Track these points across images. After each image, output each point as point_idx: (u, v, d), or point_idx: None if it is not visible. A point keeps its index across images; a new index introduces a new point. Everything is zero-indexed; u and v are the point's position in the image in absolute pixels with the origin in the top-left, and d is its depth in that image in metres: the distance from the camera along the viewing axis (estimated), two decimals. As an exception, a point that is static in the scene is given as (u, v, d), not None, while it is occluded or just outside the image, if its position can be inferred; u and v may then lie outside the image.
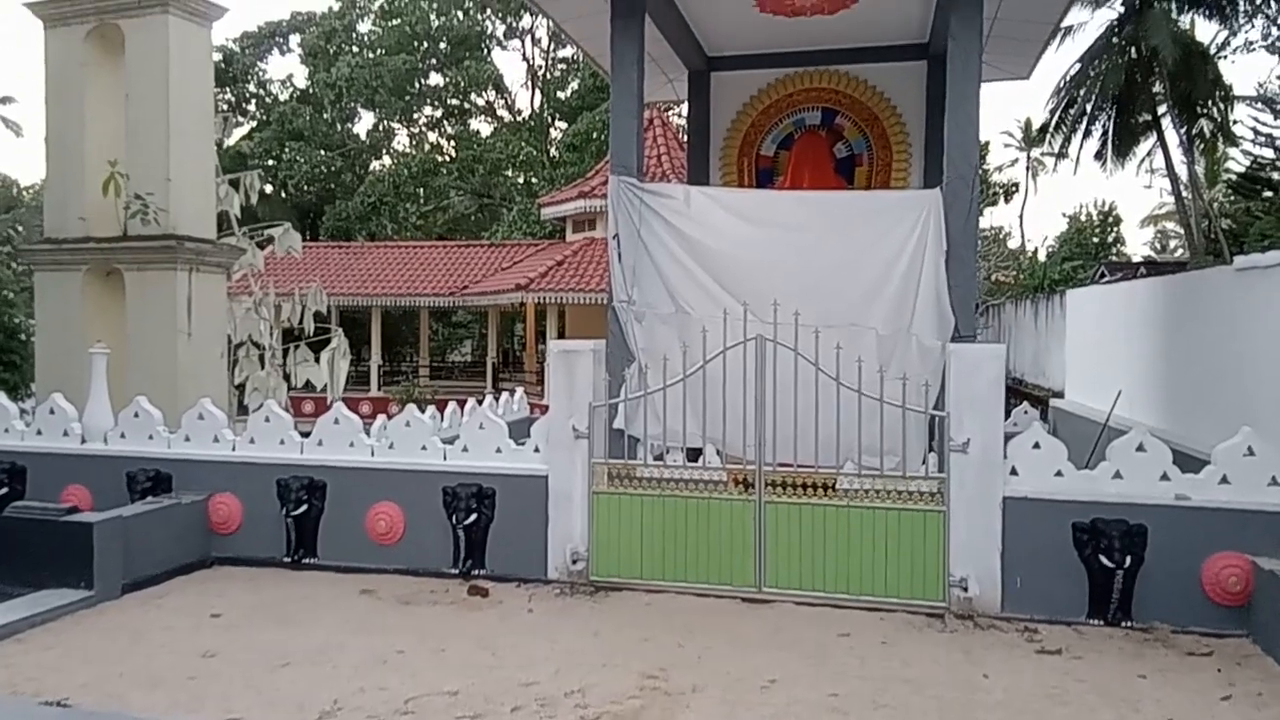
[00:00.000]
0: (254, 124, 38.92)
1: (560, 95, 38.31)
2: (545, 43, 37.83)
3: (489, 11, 37.46)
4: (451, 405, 9.62)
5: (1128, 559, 5.43)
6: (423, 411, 8.33)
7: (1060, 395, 12.78)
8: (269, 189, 34.31)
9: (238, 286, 11.76)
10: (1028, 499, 5.68)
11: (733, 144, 9.96)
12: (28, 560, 6.02)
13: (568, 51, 36.51)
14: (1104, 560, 5.47)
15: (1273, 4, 22.91)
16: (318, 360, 10.90)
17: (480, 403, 10.40)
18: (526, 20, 37.08)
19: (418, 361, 29.97)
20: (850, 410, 5.97)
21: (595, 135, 32.01)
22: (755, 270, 7.02)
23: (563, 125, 37.59)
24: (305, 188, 35.99)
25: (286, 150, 35.56)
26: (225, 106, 37.06)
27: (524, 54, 39.09)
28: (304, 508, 6.73)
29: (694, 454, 6.70)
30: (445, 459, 6.70)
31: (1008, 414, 9.87)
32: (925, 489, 5.87)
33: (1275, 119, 24.78)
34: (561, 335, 23.90)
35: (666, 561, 6.19)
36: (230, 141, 31.55)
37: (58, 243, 9.26)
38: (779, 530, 6.02)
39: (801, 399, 6.00)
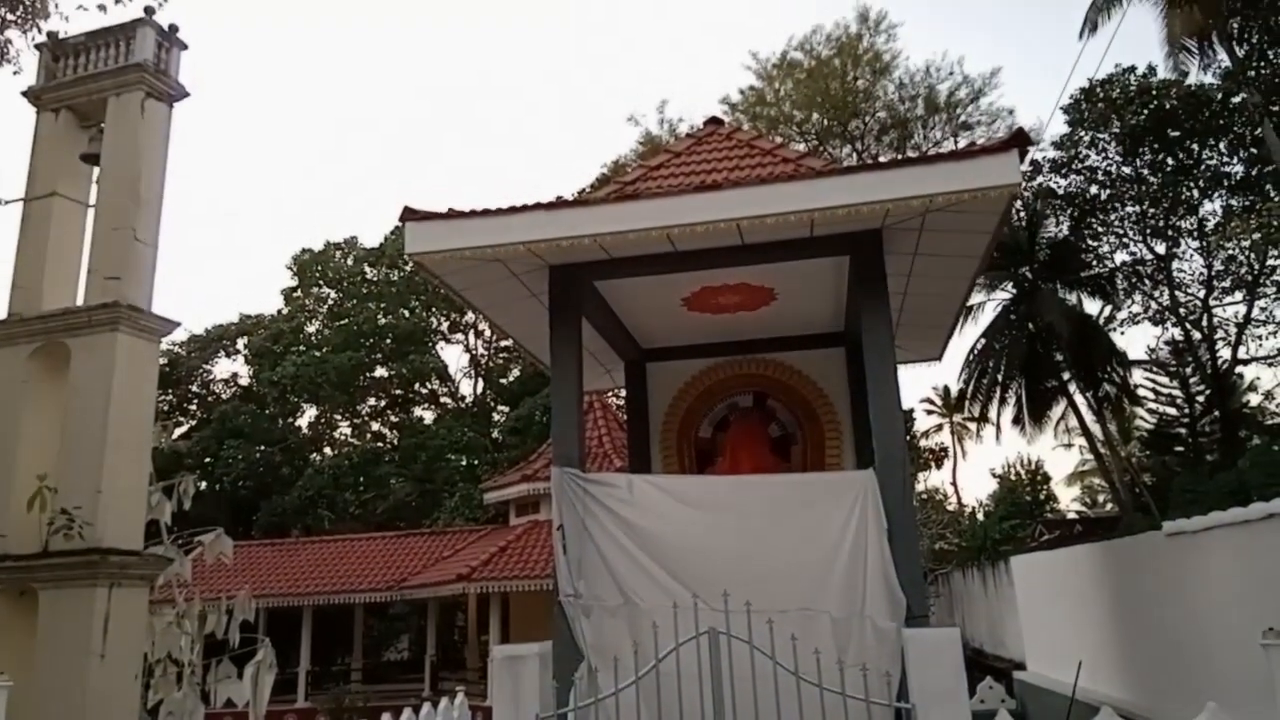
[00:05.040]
0: (194, 423, 38.99)
1: (502, 381, 39.62)
2: (488, 334, 39.71)
3: (434, 309, 39.53)
4: (385, 718, 8.89)
5: None
6: (355, 728, 7.69)
7: (1021, 665, 12.45)
8: (203, 485, 33.71)
9: (160, 595, 11.13)
10: (1008, 796, 5.32)
11: (671, 427, 10.26)
12: None
13: (510, 341, 38.25)
14: None
15: (1146, 281, 25.61)
16: (240, 675, 10.11)
17: (417, 711, 9.66)
18: (470, 315, 39.14)
19: (350, 663, 28.09)
20: (813, 704, 5.68)
21: (537, 418, 32.75)
22: (703, 557, 6.95)
23: (505, 409, 38.50)
24: (242, 483, 35.46)
25: (225, 448, 35.42)
26: (166, 408, 37.25)
27: (467, 345, 40.86)
28: None
29: (651, 763, 6.20)
30: (378, 789, 6.07)
31: (972, 690, 9.54)
32: (900, 791, 5.47)
33: (1171, 380, 26.81)
34: (505, 625, 22.84)
35: None
36: (167, 442, 31.39)
37: (-31, 566, 8.76)
38: None
39: (761, 694, 5.71)
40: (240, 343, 41.36)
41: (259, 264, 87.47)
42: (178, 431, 36.74)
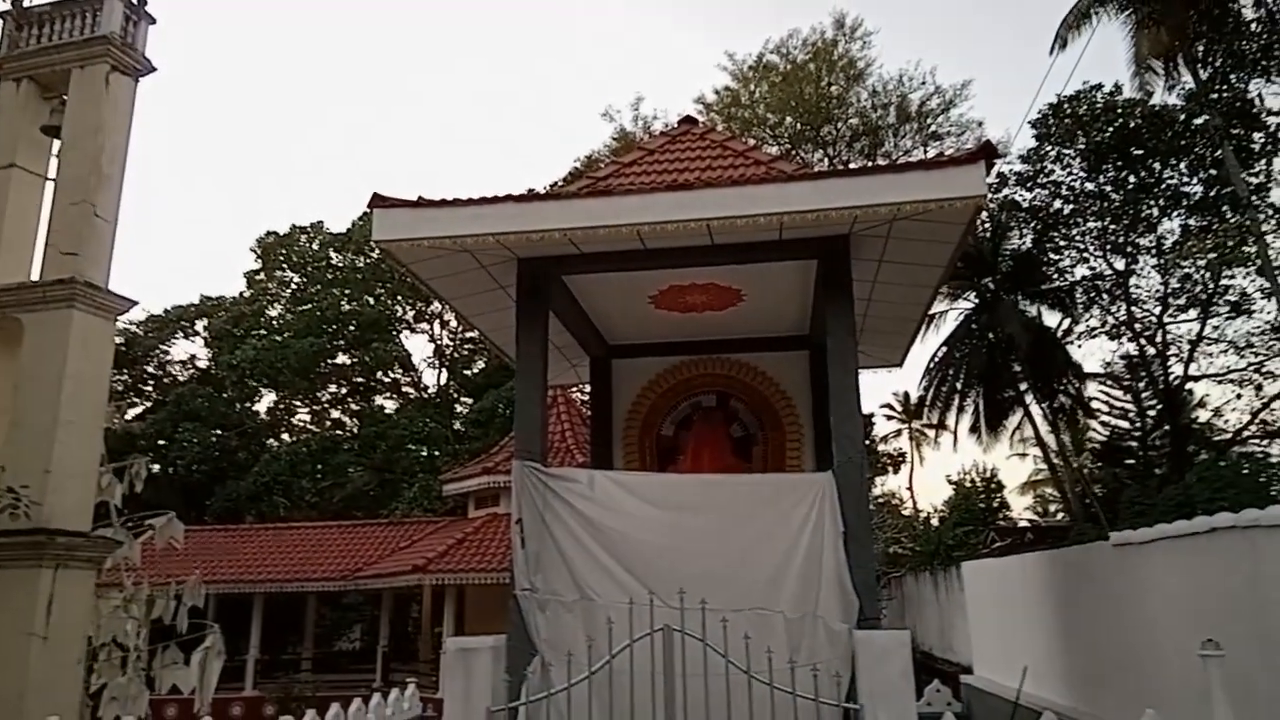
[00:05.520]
0: (148, 404, 38.24)
1: (466, 373, 39.35)
2: (453, 325, 39.41)
3: (399, 297, 39.14)
4: (334, 708, 8.80)
5: None
6: (301, 715, 7.63)
7: (968, 669, 12.65)
8: (156, 468, 33.07)
9: (108, 578, 10.92)
10: (951, 797, 5.42)
11: (634, 424, 10.27)
12: None
13: (475, 333, 37.97)
14: None
15: (1104, 296, 26.13)
16: (188, 661, 9.96)
17: (367, 701, 9.58)
18: (435, 305, 38.83)
19: (300, 652, 27.76)
20: (764, 703, 5.73)
21: (500, 410, 32.60)
22: (661, 554, 6.98)
23: (468, 401, 38.25)
24: (196, 467, 34.86)
25: (180, 431, 34.78)
26: (120, 388, 36.49)
27: (432, 335, 40.52)
28: (154, 847, 5.84)
29: (601, 757, 6.22)
30: (326, 779, 6.02)
31: (920, 692, 9.68)
32: (847, 790, 5.54)
33: (1124, 394, 27.39)
34: (460, 617, 22.73)
35: None
36: (121, 423, 30.79)
37: (-90, 542, 8.54)
38: None
39: (713, 691, 5.75)
40: (200, 324, 40.65)
41: (222, 245, 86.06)
42: (132, 412, 36.05)
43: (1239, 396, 25.23)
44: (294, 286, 40.38)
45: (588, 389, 11.57)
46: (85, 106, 9.75)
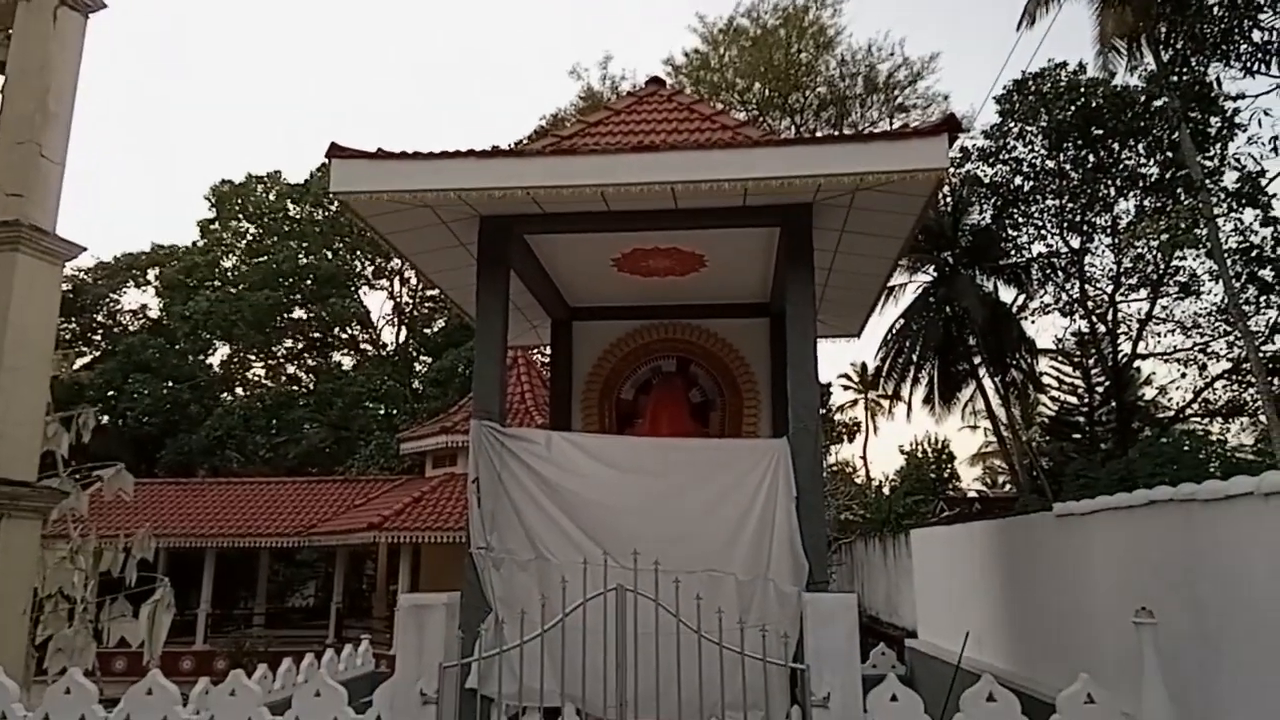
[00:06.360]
0: (97, 354, 37.36)
1: (426, 331, 38.97)
2: (414, 282, 38.91)
3: (359, 252, 38.50)
4: (286, 663, 8.81)
5: (993, 817, 5.34)
6: (253, 669, 7.61)
7: (913, 634, 12.99)
8: (105, 419, 32.41)
9: (54, 530, 10.73)
10: (891, 756, 5.57)
11: (594, 387, 10.28)
12: None
13: (436, 291, 37.56)
14: (970, 819, 5.36)
15: (1059, 273, 26.59)
16: (137, 614, 9.87)
17: (319, 657, 9.60)
18: (395, 261, 38.28)
19: (253, 607, 27.62)
20: (713, 662, 5.84)
21: (460, 370, 32.41)
22: (616, 516, 7.03)
23: (427, 359, 37.94)
24: (146, 420, 34.20)
25: (130, 382, 34.05)
26: (68, 337, 35.58)
27: (391, 292, 39.98)
28: (100, 797, 5.81)
29: (552, 713, 6.32)
30: (275, 732, 6.03)
31: (865, 655, 9.93)
32: (791, 747, 5.69)
33: (1074, 370, 28.02)
34: (415, 575, 22.77)
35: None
36: (68, 372, 30.03)
37: None
38: (643, 803, 5.61)
39: (663, 651, 5.85)
40: (151, 274, 39.66)
41: (175, 192, 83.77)
42: (80, 362, 35.16)
43: (1183, 375, 25.97)
44: (250, 237, 39.50)
45: (548, 351, 11.54)
46: (31, 42, 9.38)
